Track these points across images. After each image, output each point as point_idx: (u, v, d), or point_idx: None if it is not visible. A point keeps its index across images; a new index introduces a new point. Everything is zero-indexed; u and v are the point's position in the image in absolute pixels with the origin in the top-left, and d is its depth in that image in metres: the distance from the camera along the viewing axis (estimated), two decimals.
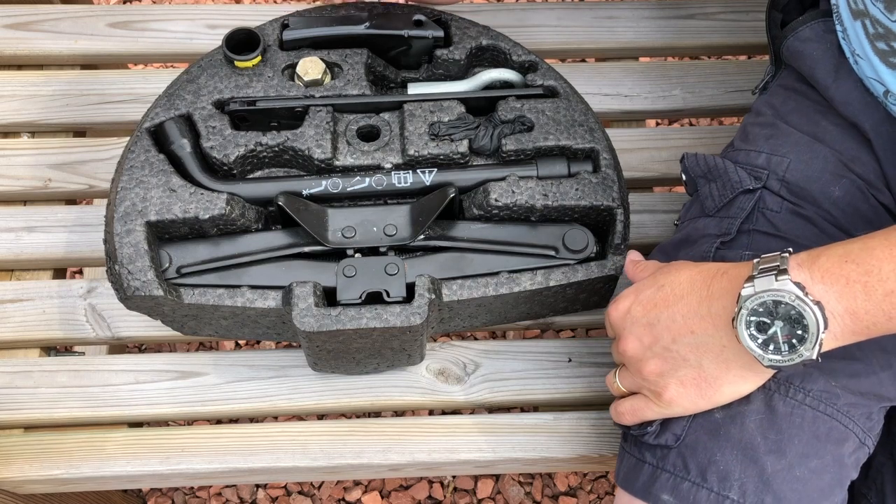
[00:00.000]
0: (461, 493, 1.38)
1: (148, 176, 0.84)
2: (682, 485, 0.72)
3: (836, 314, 0.63)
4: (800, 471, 0.71)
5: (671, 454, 0.73)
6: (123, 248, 0.81)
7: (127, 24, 1.10)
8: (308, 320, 0.79)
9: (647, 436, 0.75)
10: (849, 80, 0.81)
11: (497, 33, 0.96)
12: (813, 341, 0.63)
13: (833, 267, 0.63)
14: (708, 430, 0.72)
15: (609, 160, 0.88)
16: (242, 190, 0.86)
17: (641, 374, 0.72)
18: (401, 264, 0.82)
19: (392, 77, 0.95)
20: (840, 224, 0.78)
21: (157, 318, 0.87)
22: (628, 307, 0.73)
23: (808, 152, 0.81)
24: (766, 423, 0.71)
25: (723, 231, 0.79)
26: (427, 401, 0.91)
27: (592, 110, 0.92)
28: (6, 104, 1.04)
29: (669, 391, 0.70)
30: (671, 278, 0.72)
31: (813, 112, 0.83)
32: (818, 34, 0.84)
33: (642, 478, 0.75)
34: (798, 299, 0.62)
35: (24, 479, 0.87)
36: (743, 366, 0.68)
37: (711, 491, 0.71)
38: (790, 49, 0.86)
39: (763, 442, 0.71)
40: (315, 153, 0.87)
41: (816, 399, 0.72)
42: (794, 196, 0.79)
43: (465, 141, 0.89)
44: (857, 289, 0.62)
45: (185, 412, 0.90)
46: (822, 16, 0.84)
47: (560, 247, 0.86)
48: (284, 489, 1.38)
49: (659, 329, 0.70)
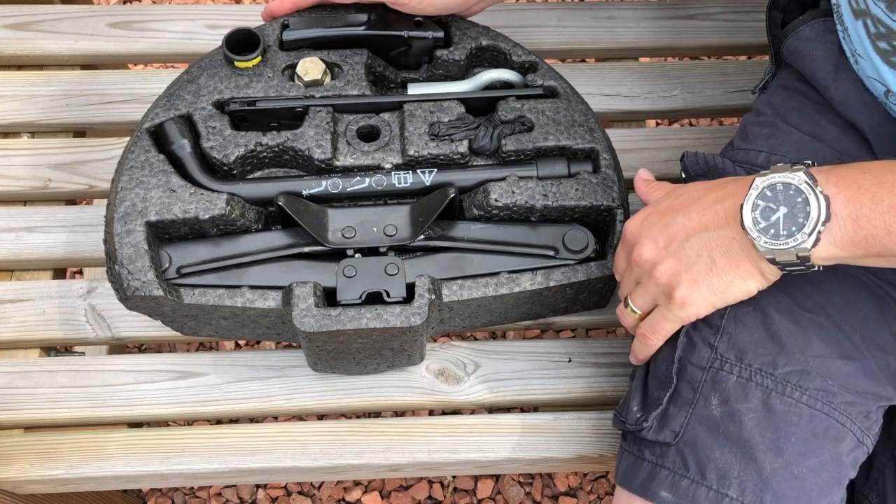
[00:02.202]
0: (461, 494, 1.38)
1: (148, 176, 0.84)
2: (682, 482, 0.72)
3: (839, 217, 0.63)
4: (798, 469, 0.71)
5: (670, 451, 0.73)
6: (123, 248, 0.81)
7: (127, 24, 1.10)
8: (308, 320, 0.79)
9: (644, 431, 0.75)
10: (848, 81, 0.81)
11: (497, 34, 0.96)
12: (811, 228, 0.63)
13: (849, 174, 0.64)
14: (707, 427, 0.73)
15: (609, 160, 0.88)
16: (242, 190, 0.86)
17: (655, 277, 0.71)
18: (401, 264, 0.82)
19: (392, 77, 0.95)
20: None
21: (157, 319, 0.87)
22: (645, 216, 0.74)
23: (808, 152, 0.81)
24: (764, 421, 0.71)
25: None
26: (427, 401, 0.91)
27: (592, 110, 0.92)
28: (6, 104, 1.04)
29: (681, 289, 0.70)
30: (689, 188, 0.72)
31: (813, 111, 0.83)
32: (818, 34, 0.84)
33: (641, 475, 0.75)
34: (807, 185, 0.63)
35: (24, 479, 0.87)
36: (750, 259, 0.68)
37: (710, 489, 0.71)
38: (790, 49, 0.86)
39: (761, 440, 0.71)
40: (315, 153, 0.87)
41: (813, 397, 0.72)
42: None
43: (465, 141, 0.89)
44: (866, 196, 0.62)
45: (185, 412, 0.90)
46: (823, 15, 0.84)
47: (560, 247, 0.86)
48: (284, 489, 1.38)
49: (674, 228, 0.70)
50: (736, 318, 0.75)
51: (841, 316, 0.75)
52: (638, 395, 0.79)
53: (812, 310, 0.74)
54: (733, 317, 0.75)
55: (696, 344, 0.75)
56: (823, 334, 0.74)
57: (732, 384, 0.73)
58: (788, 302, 0.74)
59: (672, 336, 0.76)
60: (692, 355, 0.75)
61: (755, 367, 0.73)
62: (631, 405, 0.79)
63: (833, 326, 0.74)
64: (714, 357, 0.74)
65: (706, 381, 0.74)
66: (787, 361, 0.73)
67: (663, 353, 0.77)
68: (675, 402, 0.75)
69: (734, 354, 0.74)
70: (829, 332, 0.74)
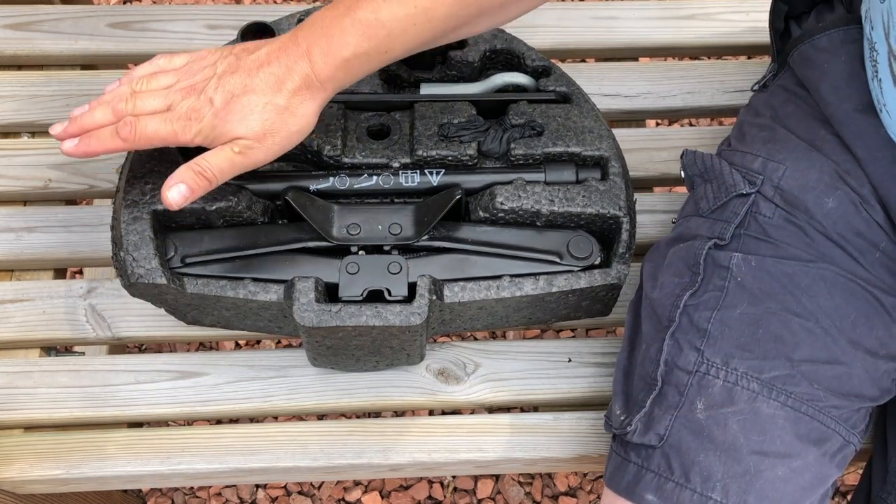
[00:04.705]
0: (461, 493, 1.38)
1: (157, 165, 0.85)
2: (667, 485, 0.72)
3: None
4: (782, 470, 0.71)
5: (655, 454, 0.74)
6: (129, 235, 0.81)
7: (127, 24, 1.10)
8: (308, 315, 0.79)
9: (629, 434, 0.75)
10: (848, 103, 0.79)
11: (511, 37, 0.95)
12: None
13: None
14: (691, 431, 0.73)
15: (618, 168, 0.88)
16: (250, 183, 0.86)
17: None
18: (404, 263, 0.82)
19: (405, 76, 0.95)
20: (831, 235, 0.77)
21: (160, 307, 0.87)
22: None
23: (805, 161, 0.80)
24: (750, 424, 0.72)
25: (716, 234, 0.79)
26: (427, 401, 0.91)
27: (603, 118, 0.91)
28: (6, 104, 1.04)
29: None
30: None
31: (812, 119, 0.82)
32: (835, 44, 0.82)
33: (627, 477, 0.75)
34: None
35: (24, 479, 0.87)
36: None
37: (695, 492, 0.71)
38: (803, 55, 0.84)
39: (746, 443, 0.71)
40: (324, 149, 0.87)
41: (799, 401, 0.73)
42: (788, 204, 0.79)
43: (474, 143, 0.88)
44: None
45: (185, 412, 0.90)
46: (845, 23, 0.82)
47: (564, 253, 0.86)
48: (284, 489, 1.38)
49: None
50: (723, 322, 0.75)
51: (829, 321, 0.75)
52: (620, 397, 0.79)
53: (801, 314, 0.74)
54: (720, 321, 0.75)
55: (682, 347, 0.75)
56: (811, 339, 0.74)
57: (718, 388, 0.73)
58: (777, 307, 0.75)
59: (658, 338, 0.76)
60: (679, 358, 0.75)
61: (741, 372, 0.73)
62: (613, 407, 0.79)
63: (821, 331, 0.74)
64: (700, 361, 0.74)
65: (692, 384, 0.74)
66: (773, 366, 0.73)
67: (650, 355, 0.77)
68: (659, 404, 0.75)
69: (720, 359, 0.74)
70: (817, 338, 0.74)
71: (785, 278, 0.75)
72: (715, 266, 0.77)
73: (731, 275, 0.76)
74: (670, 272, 0.79)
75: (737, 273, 0.76)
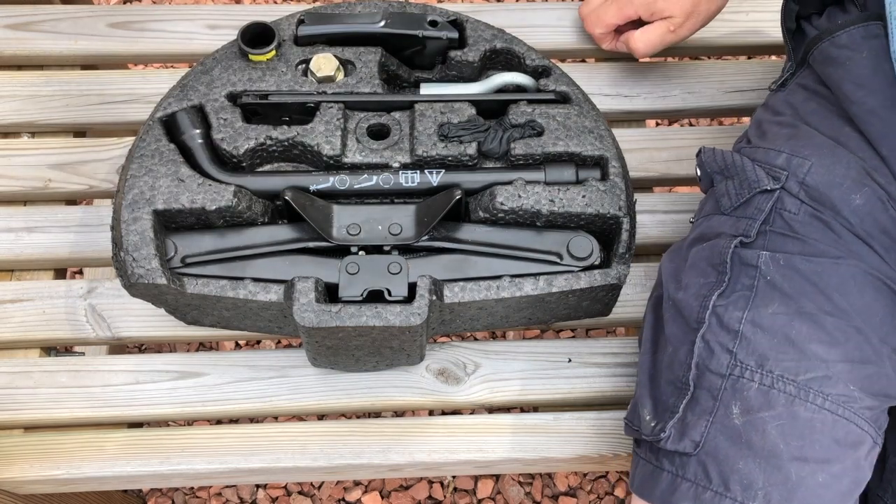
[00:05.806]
0: (461, 493, 1.38)
1: (157, 165, 0.85)
2: (705, 494, 0.70)
3: None
4: (822, 476, 0.70)
5: (691, 462, 0.71)
6: (130, 235, 0.81)
7: (127, 24, 1.10)
8: (308, 315, 0.79)
9: (662, 441, 0.73)
10: (871, 100, 0.78)
11: (511, 37, 0.95)
12: None
13: None
14: (728, 437, 0.71)
15: (618, 168, 0.88)
16: (250, 183, 0.86)
17: None
18: (404, 263, 0.82)
19: (405, 76, 0.95)
20: (857, 232, 0.76)
21: (160, 307, 0.87)
22: None
23: (831, 157, 0.78)
24: (789, 428, 0.70)
25: (741, 231, 0.77)
26: (427, 401, 0.91)
27: (603, 118, 0.91)
28: (6, 104, 1.04)
29: None
30: None
31: (835, 116, 0.81)
32: (856, 41, 0.80)
33: (661, 486, 0.73)
34: None
35: (24, 479, 0.87)
36: None
37: (735, 500, 0.69)
38: (824, 53, 0.83)
39: (786, 449, 0.69)
40: (324, 149, 0.87)
41: (836, 403, 0.71)
42: (813, 200, 0.77)
43: (474, 143, 0.88)
44: None
45: (185, 412, 0.90)
46: (864, 19, 0.81)
47: (564, 253, 0.86)
48: (284, 489, 1.38)
49: None
50: (755, 323, 0.73)
51: (861, 319, 0.73)
52: (648, 401, 0.77)
53: (834, 313, 0.73)
54: (752, 321, 0.73)
55: (713, 349, 0.73)
56: (845, 339, 0.72)
57: (754, 392, 0.71)
58: (810, 306, 0.73)
59: (686, 340, 0.75)
60: (710, 361, 0.73)
61: (777, 374, 0.71)
62: (642, 413, 0.77)
63: (853, 331, 0.73)
64: (734, 364, 0.72)
65: (726, 388, 0.72)
66: (809, 367, 0.71)
67: (679, 358, 0.75)
68: (692, 410, 0.73)
69: (755, 361, 0.72)
70: (850, 337, 0.73)
71: (815, 276, 0.74)
72: (742, 265, 0.75)
73: (760, 273, 0.74)
74: (695, 272, 0.77)
75: (766, 271, 0.74)
